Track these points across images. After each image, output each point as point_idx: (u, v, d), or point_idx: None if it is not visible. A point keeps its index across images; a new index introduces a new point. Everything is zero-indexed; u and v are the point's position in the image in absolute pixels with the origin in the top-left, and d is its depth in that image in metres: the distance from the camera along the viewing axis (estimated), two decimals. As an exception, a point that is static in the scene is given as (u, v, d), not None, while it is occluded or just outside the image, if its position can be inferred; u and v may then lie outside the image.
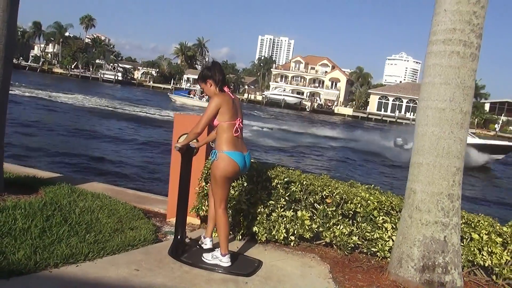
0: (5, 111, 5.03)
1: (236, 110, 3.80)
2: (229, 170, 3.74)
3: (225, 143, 3.73)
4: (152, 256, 3.89)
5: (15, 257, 3.30)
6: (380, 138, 31.13)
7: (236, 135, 3.76)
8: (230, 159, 3.71)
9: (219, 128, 3.76)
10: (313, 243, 4.65)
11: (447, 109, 3.69)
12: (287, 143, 26.29)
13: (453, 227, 3.74)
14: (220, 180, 3.77)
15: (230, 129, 3.74)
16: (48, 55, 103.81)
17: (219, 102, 3.70)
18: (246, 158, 3.85)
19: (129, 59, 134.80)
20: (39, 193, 5.16)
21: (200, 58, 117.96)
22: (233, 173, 3.79)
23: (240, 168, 3.78)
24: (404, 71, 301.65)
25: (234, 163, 3.73)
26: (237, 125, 3.77)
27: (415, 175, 3.85)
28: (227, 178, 3.78)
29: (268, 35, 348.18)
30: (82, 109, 31.40)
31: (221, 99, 3.72)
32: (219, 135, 3.77)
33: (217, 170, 3.74)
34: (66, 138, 18.07)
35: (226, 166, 3.72)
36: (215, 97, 3.74)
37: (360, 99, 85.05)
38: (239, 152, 3.77)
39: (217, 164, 3.73)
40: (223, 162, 3.71)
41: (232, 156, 3.72)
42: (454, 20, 3.66)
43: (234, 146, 3.75)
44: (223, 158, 3.72)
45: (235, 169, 3.76)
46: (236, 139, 3.77)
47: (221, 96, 3.75)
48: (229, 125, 3.73)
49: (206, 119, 3.70)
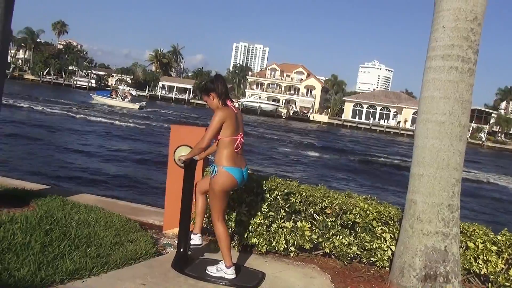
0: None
1: (238, 125, 3.81)
2: (227, 185, 3.77)
3: (225, 159, 3.74)
4: (156, 269, 3.87)
5: (20, 273, 3.24)
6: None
7: (236, 150, 3.77)
8: (229, 175, 3.73)
9: (220, 143, 3.76)
10: (312, 253, 4.70)
11: (446, 122, 3.81)
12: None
13: (453, 237, 3.85)
14: (219, 194, 3.79)
15: (232, 145, 3.74)
16: (18, 61, 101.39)
17: (223, 116, 3.69)
18: (244, 173, 3.87)
19: (102, 65, 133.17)
20: (31, 206, 5.06)
21: (175, 65, 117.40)
22: (231, 187, 3.85)
23: (238, 183, 3.83)
24: (377, 79, 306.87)
25: (233, 178, 3.75)
26: (238, 140, 3.77)
27: (416, 186, 3.95)
28: (225, 192, 3.82)
29: (242, 42, 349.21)
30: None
31: (225, 113, 3.71)
32: (219, 150, 3.77)
33: (216, 185, 3.76)
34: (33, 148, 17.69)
35: (225, 181, 3.74)
36: (219, 112, 3.71)
37: (335, 107, 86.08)
38: (238, 168, 3.79)
39: (216, 179, 3.75)
40: (222, 178, 3.73)
41: (231, 172, 3.74)
42: (453, 36, 3.79)
43: (234, 162, 3.76)
44: (222, 174, 3.73)
45: (233, 184, 3.80)
46: (236, 154, 3.78)
47: (225, 110, 3.74)
48: (231, 140, 3.74)
49: (211, 133, 3.70)
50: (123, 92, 58.25)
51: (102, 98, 55.24)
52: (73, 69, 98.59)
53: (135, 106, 53.52)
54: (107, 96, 55.91)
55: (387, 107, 78.14)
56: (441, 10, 3.87)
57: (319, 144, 36.72)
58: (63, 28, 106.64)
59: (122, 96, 56.13)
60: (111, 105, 51.91)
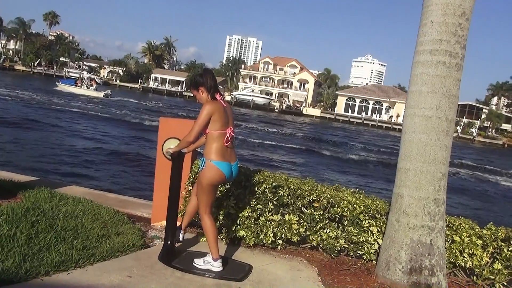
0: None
1: (228, 119, 3.79)
2: (215, 179, 3.77)
3: (214, 152, 3.72)
4: (143, 262, 3.87)
5: (5, 265, 3.22)
6: None
7: (226, 144, 3.76)
8: (217, 169, 3.73)
9: (209, 136, 3.74)
10: (299, 246, 4.72)
11: (433, 117, 3.82)
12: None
13: (438, 231, 3.88)
14: (206, 187, 3.78)
15: (221, 139, 3.73)
16: (9, 52, 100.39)
17: (211, 110, 3.67)
18: (233, 167, 3.86)
19: (94, 57, 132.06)
20: (18, 198, 5.03)
21: (168, 58, 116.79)
22: (219, 181, 3.85)
23: (226, 177, 3.82)
24: (370, 73, 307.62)
25: (221, 173, 3.75)
26: (228, 134, 3.76)
27: (402, 180, 3.97)
28: (213, 185, 3.81)
29: (236, 35, 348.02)
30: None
31: (213, 107, 3.69)
32: (208, 143, 3.75)
33: (203, 178, 3.76)
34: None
35: (212, 175, 3.74)
36: (207, 105, 3.70)
37: (328, 100, 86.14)
38: (227, 162, 3.78)
39: (204, 173, 3.75)
40: (210, 172, 3.73)
41: (219, 166, 3.73)
42: (441, 31, 3.80)
43: (223, 156, 3.75)
44: (210, 167, 3.72)
45: (221, 178, 3.80)
46: (225, 148, 3.77)
47: (213, 104, 3.72)
48: (220, 134, 3.72)
49: (198, 127, 3.68)
50: (88, 80, 58.35)
51: (67, 86, 55.51)
52: (65, 60, 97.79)
53: (99, 94, 53.67)
54: (72, 85, 56.13)
55: (379, 102, 78.39)
56: (430, 4, 3.87)
57: (309, 137, 36.80)
58: (55, 19, 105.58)
59: (87, 85, 56.26)
60: (76, 93, 51.98)
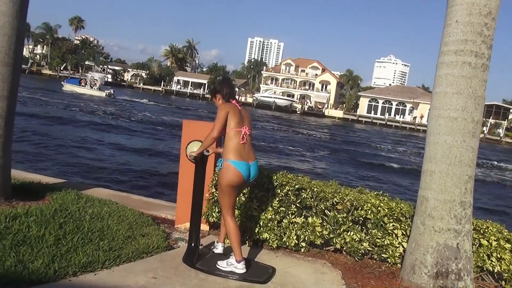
0: (13, 118, 5.01)
1: (243, 118, 3.89)
2: (233, 179, 3.77)
3: (231, 152, 3.78)
4: (167, 263, 3.91)
5: (34, 265, 3.30)
6: None
7: (242, 142, 3.81)
8: (234, 169, 3.75)
9: (226, 136, 3.85)
10: (323, 249, 4.70)
11: (459, 118, 3.77)
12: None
13: (465, 234, 3.82)
14: (225, 188, 3.81)
15: (237, 136, 3.81)
16: (36, 57, 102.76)
17: (226, 108, 3.84)
18: (251, 167, 3.86)
19: (118, 60, 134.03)
20: (46, 199, 5.14)
21: (190, 60, 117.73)
22: (238, 182, 3.82)
23: (244, 177, 3.81)
24: (393, 74, 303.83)
25: (238, 172, 3.76)
26: (243, 132, 3.83)
27: (427, 182, 3.92)
28: (231, 186, 3.81)
29: (257, 37, 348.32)
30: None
31: (227, 106, 3.88)
32: (226, 144, 3.84)
33: (222, 179, 3.80)
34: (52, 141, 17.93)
35: (230, 176, 3.76)
36: (221, 106, 3.91)
37: (350, 102, 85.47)
38: (244, 161, 3.80)
39: (222, 173, 3.79)
40: (227, 172, 3.76)
41: (236, 166, 3.75)
42: (466, 31, 3.74)
43: (240, 155, 3.79)
44: (227, 167, 3.76)
45: (239, 179, 3.79)
46: (242, 146, 3.81)
47: (227, 104, 3.92)
48: (236, 132, 3.81)
49: (219, 124, 3.79)
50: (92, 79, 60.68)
51: (72, 86, 58.30)
52: (90, 64, 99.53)
53: (102, 94, 56.06)
54: (76, 84, 59.04)
55: (403, 102, 77.42)
56: (455, 4, 3.82)
57: (332, 139, 36.59)
58: (80, 23, 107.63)
59: (91, 84, 58.64)
60: (80, 93, 54.74)
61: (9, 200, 4.85)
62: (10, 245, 3.54)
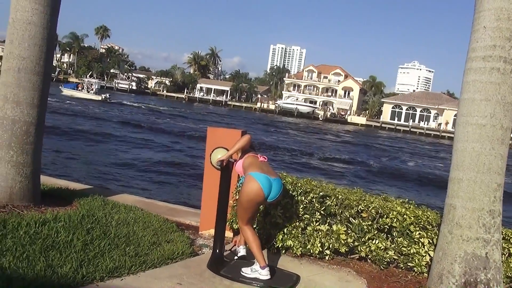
0: (43, 126, 5.14)
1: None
2: (253, 193, 3.74)
3: (252, 166, 3.87)
4: (192, 269, 3.94)
5: (63, 270, 3.37)
6: None
7: (261, 160, 3.97)
8: (254, 181, 3.74)
9: (243, 162, 3.99)
10: (347, 257, 4.65)
11: (487, 125, 3.70)
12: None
13: (494, 244, 3.73)
14: (245, 203, 3.82)
15: (255, 157, 3.99)
16: (63, 65, 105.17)
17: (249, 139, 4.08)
18: (274, 183, 3.81)
19: (142, 68, 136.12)
20: (74, 205, 5.24)
21: (213, 67, 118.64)
22: (257, 196, 3.75)
23: (265, 192, 3.74)
24: (417, 80, 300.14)
25: (258, 185, 3.72)
26: (259, 156, 4.05)
27: (455, 190, 3.86)
28: (251, 201, 3.79)
29: (280, 44, 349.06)
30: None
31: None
32: (245, 165, 3.95)
33: (241, 192, 3.84)
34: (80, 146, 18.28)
35: (250, 188, 3.75)
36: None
37: (374, 108, 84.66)
38: (265, 174, 3.80)
39: (243, 186, 3.83)
40: (248, 184, 3.77)
41: (257, 178, 3.74)
42: (494, 37, 3.68)
43: (261, 168, 3.84)
44: (248, 180, 3.79)
45: (260, 193, 3.74)
46: (262, 163, 3.93)
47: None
48: (253, 156, 4.01)
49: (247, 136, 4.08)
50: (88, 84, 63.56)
51: (69, 90, 61.18)
52: (115, 72, 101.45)
53: (98, 98, 58.54)
54: (74, 89, 62.06)
55: (427, 109, 76.29)
56: (482, 10, 3.76)
57: (355, 146, 36.29)
58: (106, 32, 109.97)
59: (88, 89, 61.45)
60: (78, 97, 57.21)
61: (38, 205, 4.97)
62: (40, 250, 3.63)
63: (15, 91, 4.75)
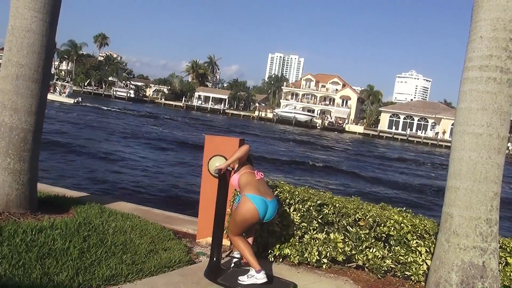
0: (41, 134, 5.14)
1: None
2: (248, 214, 3.78)
3: (248, 186, 3.85)
4: (189, 278, 3.92)
5: (59, 278, 3.36)
6: None
7: (258, 178, 3.93)
8: (250, 203, 3.75)
9: (239, 179, 3.93)
10: (344, 265, 4.65)
11: (484, 134, 3.72)
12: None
13: (491, 252, 3.74)
14: (239, 222, 3.85)
15: (252, 175, 3.93)
16: (62, 73, 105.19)
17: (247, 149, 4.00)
18: (269, 204, 3.83)
19: (140, 76, 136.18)
20: (70, 213, 5.23)
21: (211, 76, 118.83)
22: (252, 218, 3.80)
23: (260, 214, 3.77)
24: (414, 89, 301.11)
25: (254, 207, 3.74)
26: (256, 172, 3.98)
27: (452, 199, 3.86)
28: (245, 221, 3.84)
29: (278, 53, 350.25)
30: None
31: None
32: (241, 183, 3.91)
33: (236, 212, 3.85)
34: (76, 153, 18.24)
35: (245, 210, 3.77)
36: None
37: (371, 117, 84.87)
38: (263, 197, 3.80)
39: (238, 207, 3.85)
40: (243, 206, 3.78)
41: (253, 200, 3.75)
42: (491, 46, 3.71)
43: (258, 190, 3.83)
44: (244, 201, 3.79)
45: (254, 215, 3.77)
46: (258, 182, 3.89)
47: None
48: (250, 172, 3.94)
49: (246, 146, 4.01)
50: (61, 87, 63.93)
51: None
52: (113, 80, 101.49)
53: (70, 101, 58.71)
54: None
55: (425, 118, 76.51)
56: (479, 20, 3.80)
57: (353, 155, 36.31)
58: (104, 40, 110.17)
59: (60, 92, 61.65)
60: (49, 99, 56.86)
61: (35, 213, 4.96)
62: (36, 258, 3.62)
63: (13, 98, 4.75)
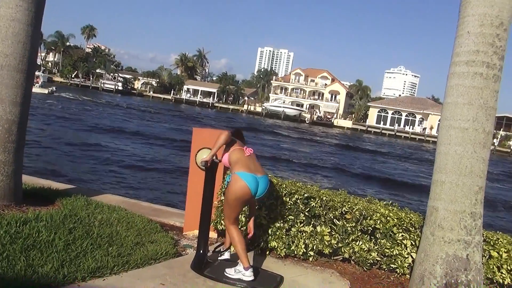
0: (26, 125, 5.07)
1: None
2: (240, 192, 3.74)
3: (238, 164, 3.80)
4: (176, 270, 3.92)
5: (44, 270, 3.32)
6: None
7: (247, 154, 3.86)
8: (241, 181, 3.72)
9: (229, 155, 3.87)
10: (331, 258, 4.67)
11: (470, 129, 3.75)
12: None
13: (475, 245, 3.78)
14: (232, 202, 3.80)
15: (241, 151, 3.86)
16: (48, 64, 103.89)
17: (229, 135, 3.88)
18: (260, 180, 3.81)
19: (129, 68, 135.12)
20: (56, 205, 5.18)
21: (200, 69, 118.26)
22: (244, 195, 3.76)
23: (251, 190, 3.76)
24: (403, 85, 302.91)
25: (245, 184, 3.72)
26: (245, 148, 3.92)
27: (437, 193, 3.90)
28: (238, 200, 3.79)
29: (267, 47, 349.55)
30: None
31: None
32: (231, 160, 3.85)
33: (229, 192, 3.80)
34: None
35: (237, 188, 3.73)
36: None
37: (360, 112, 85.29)
38: (252, 173, 3.78)
39: (229, 186, 3.80)
40: (234, 184, 3.75)
41: (244, 177, 3.73)
42: (478, 42, 3.74)
43: (247, 167, 3.78)
44: (235, 179, 3.76)
45: (246, 192, 3.75)
46: (248, 159, 3.84)
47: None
48: (239, 149, 3.88)
49: (227, 132, 3.87)
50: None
51: None
52: (101, 72, 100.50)
53: (44, 91, 58.21)
54: None
55: (412, 113, 77.12)
56: (466, 15, 3.82)
57: (340, 150, 36.49)
58: (92, 32, 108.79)
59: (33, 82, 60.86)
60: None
61: (20, 205, 4.90)
62: (20, 249, 3.57)
63: (-3, 88, 4.68)
